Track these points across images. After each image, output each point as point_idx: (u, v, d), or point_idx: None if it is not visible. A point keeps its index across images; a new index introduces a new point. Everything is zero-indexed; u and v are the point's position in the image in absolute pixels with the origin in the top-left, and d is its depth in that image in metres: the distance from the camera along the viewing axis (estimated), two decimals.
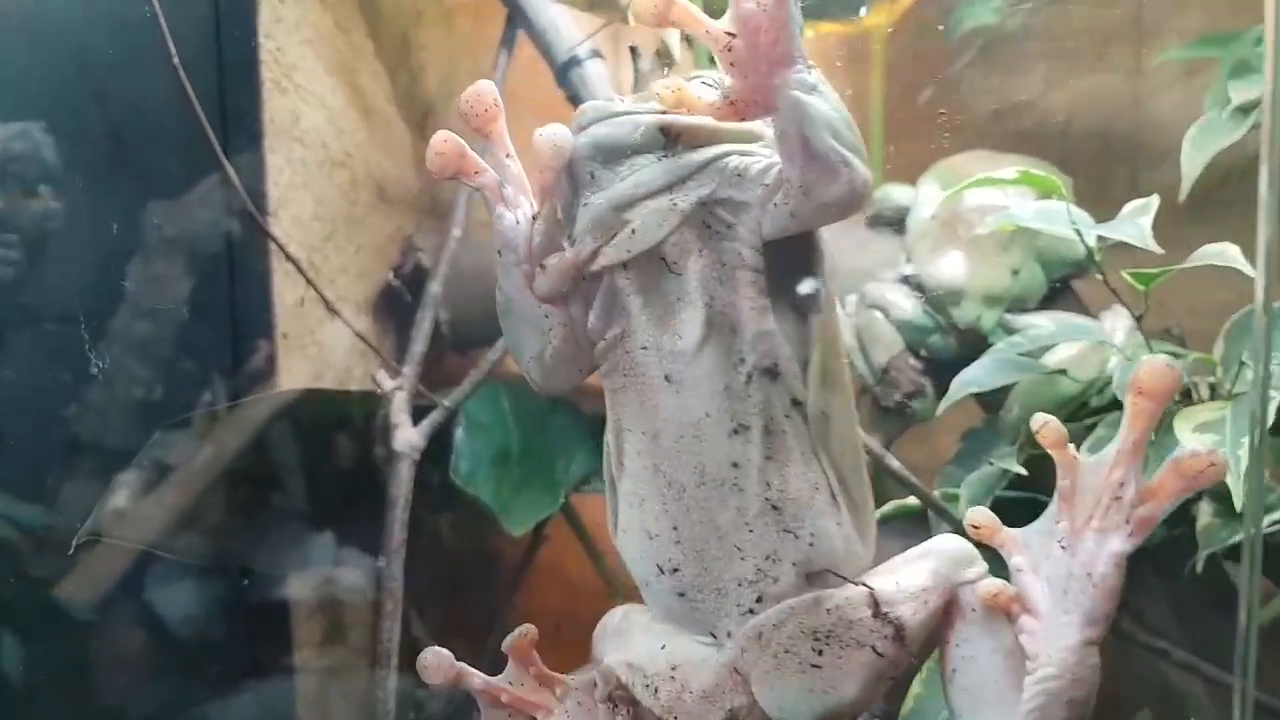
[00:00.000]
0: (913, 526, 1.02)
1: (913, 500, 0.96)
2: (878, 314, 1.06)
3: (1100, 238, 0.88)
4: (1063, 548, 0.57)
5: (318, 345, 1.09)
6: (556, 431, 1.12)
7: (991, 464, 0.90)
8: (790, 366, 0.56)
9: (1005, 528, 0.59)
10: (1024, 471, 0.87)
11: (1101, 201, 1.24)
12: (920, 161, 1.44)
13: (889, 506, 0.97)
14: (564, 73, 1.07)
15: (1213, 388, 0.90)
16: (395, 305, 1.17)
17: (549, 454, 1.13)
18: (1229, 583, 0.86)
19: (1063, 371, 0.91)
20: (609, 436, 0.60)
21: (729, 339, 0.56)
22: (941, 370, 1.06)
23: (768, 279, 0.56)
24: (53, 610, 0.97)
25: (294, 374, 1.07)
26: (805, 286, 0.58)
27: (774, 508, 0.56)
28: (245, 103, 1.01)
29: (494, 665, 0.67)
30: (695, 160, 0.56)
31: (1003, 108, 1.42)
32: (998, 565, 0.60)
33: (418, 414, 1.06)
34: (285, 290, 1.05)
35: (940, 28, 1.30)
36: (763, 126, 0.57)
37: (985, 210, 0.99)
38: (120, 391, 0.97)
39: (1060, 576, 0.56)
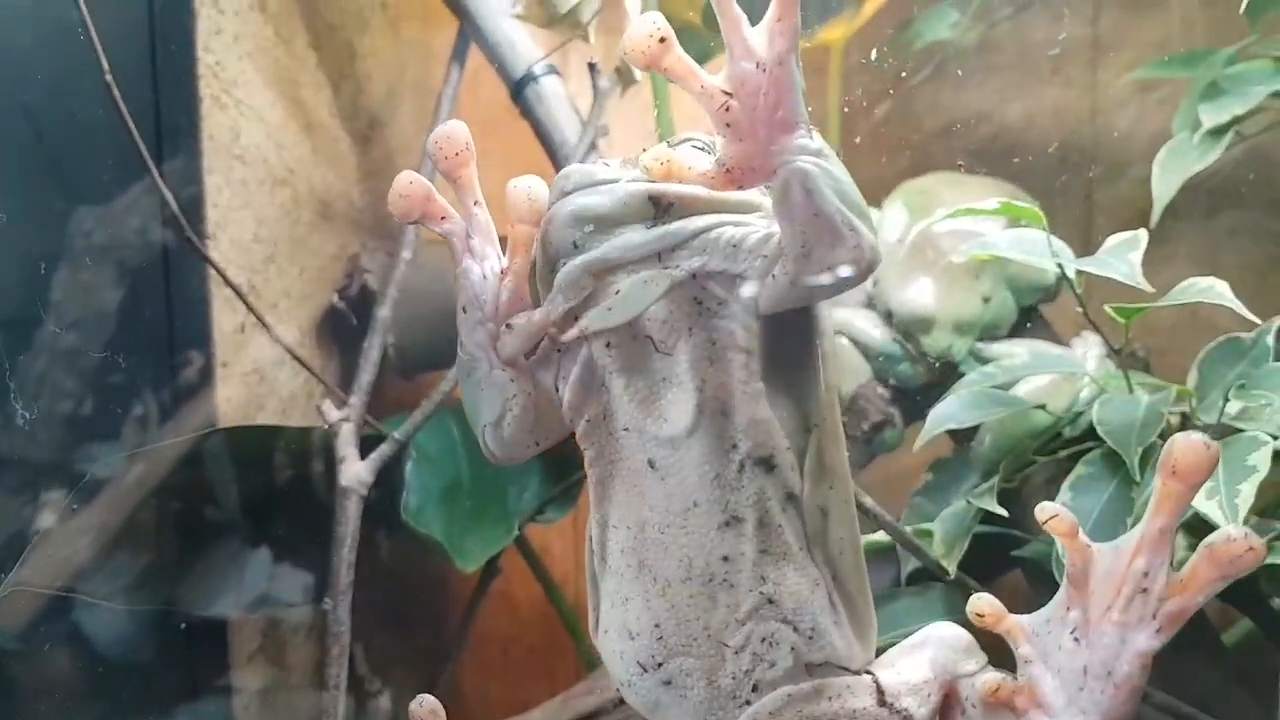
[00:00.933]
0: (881, 560, 0.99)
1: (881, 535, 0.93)
2: (844, 341, 1.03)
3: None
4: (1076, 639, 0.53)
5: (259, 374, 1.04)
6: None
7: (969, 502, 0.87)
8: (786, 458, 0.53)
9: (1011, 615, 0.56)
10: (1004, 513, 0.85)
11: (1058, 218, 1.23)
12: (877, 177, 1.42)
13: (869, 545, 0.95)
14: (519, 89, 1.02)
15: (1185, 418, 0.89)
16: (340, 329, 1.12)
17: (501, 484, 1.08)
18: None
19: (1041, 407, 0.89)
20: (593, 528, 0.56)
21: (720, 424, 0.52)
22: (910, 399, 1.04)
23: (762, 361, 0.52)
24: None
25: (234, 404, 1.01)
26: (803, 371, 0.54)
27: (770, 601, 0.52)
28: (182, 119, 0.96)
29: (446, 697, 0.63)
30: (687, 229, 0.52)
31: (958, 123, 1.41)
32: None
33: (365, 445, 1.00)
34: (224, 317, 0.99)
35: (897, 42, 1.29)
36: (759, 196, 0.53)
37: (957, 236, 0.97)
38: (47, 417, 0.90)
39: (1073, 671, 0.53)
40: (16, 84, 0.86)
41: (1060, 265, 0.81)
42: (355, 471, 0.98)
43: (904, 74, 1.30)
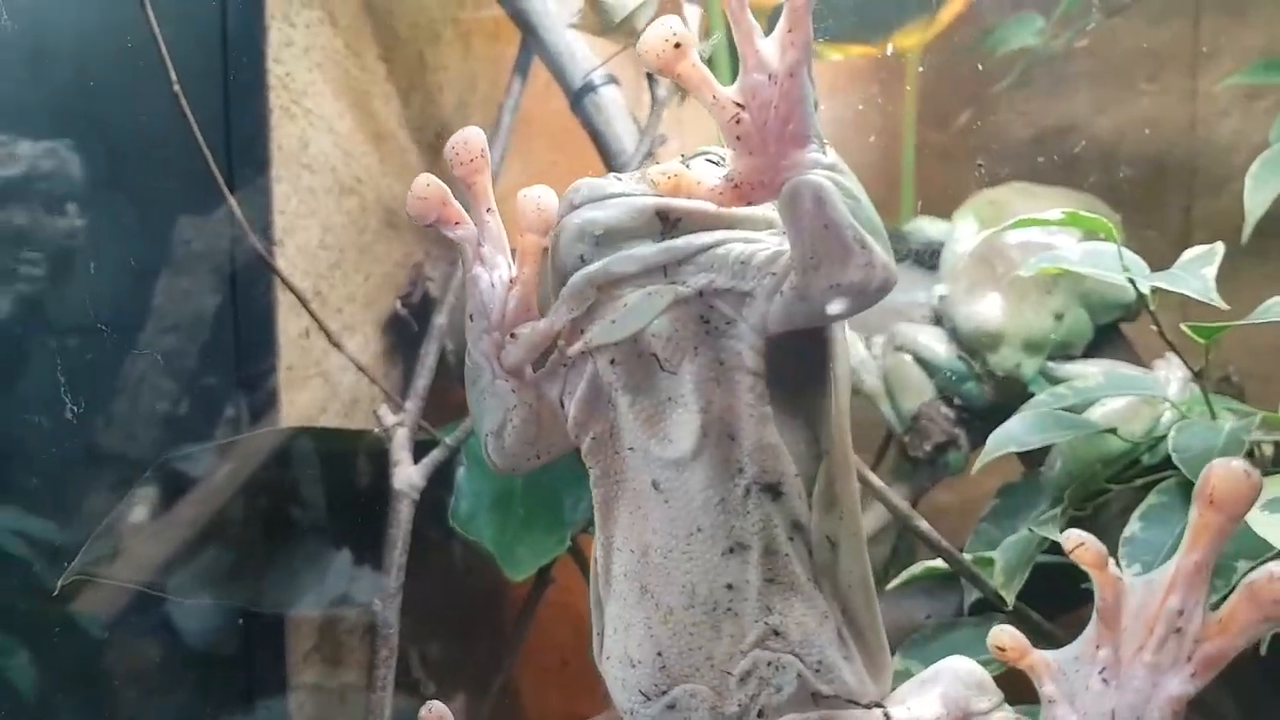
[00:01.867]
0: (942, 589, 0.96)
1: (941, 562, 0.90)
2: (907, 357, 1.00)
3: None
4: (1104, 680, 0.49)
5: (322, 377, 1.05)
6: (563, 467, 1.06)
7: (1031, 530, 0.83)
8: (794, 485, 0.50)
9: (1035, 650, 0.52)
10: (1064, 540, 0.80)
11: (1153, 234, 1.17)
12: (955, 191, 1.38)
13: (918, 568, 0.91)
14: (578, 99, 1.02)
15: (1278, 447, 0.83)
16: (403, 334, 1.13)
17: (555, 492, 1.07)
18: None
19: (1112, 430, 0.84)
20: (598, 551, 0.54)
21: (726, 447, 0.50)
22: (976, 419, 0.99)
23: (771, 384, 0.50)
24: (65, 625, 0.94)
25: (297, 407, 1.03)
26: (813, 395, 0.52)
27: (776, 633, 0.50)
28: (252, 129, 0.98)
29: (500, 707, 0.62)
30: (694, 244, 0.51)
31: (1044, 133, 1.36)
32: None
33: (420, 450, 1.01)
34: (289, 322, 1.01)
35: (977, 50, 1.25)
36: (771, 211, 0.52)
37: (1027, 249, 0.93)
38: (110, 418, 0.93)
39: (1100, 714, 0.49)
40: (90, 96, 0.89)
41: (1132, 281, 0.76)
42: (408, 475, 0.99)
43: (984, 83, 1.27)
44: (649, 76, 1.01)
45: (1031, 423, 0.84)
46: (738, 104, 0.46)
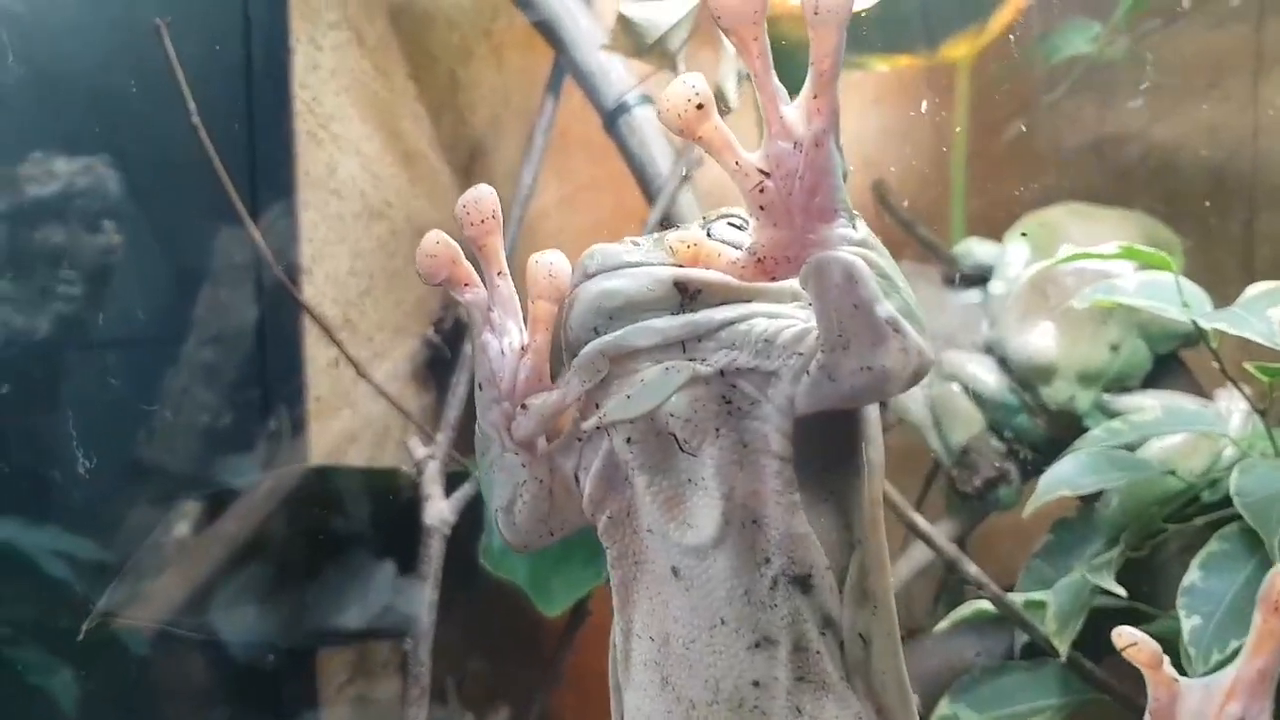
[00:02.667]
0: (992, 627, 0.92)
1: (989, 604, 0.86)
2: (955, 387, 0.95)
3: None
4: None
5: (352, 407, 1.03)
6: None
7: (1086, 576, 0.79)
8: (825, 578, 0.47)
9: None
10: (1122, 593, 0.76)
11: (1214, 248, 1.12)
12: (1006, 204, 1.33)
13: (967, 610, 0.87)
14: (612, 120, 0.99)
15: None
16: (435, 362, 1.11)
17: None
18: None
19: (1170, 472, 0.79)
20: (616, 635, 0.51)
21: (751, 536, 0.47)
22: (1028, 451, 0.95)
23: (799, 469, 0.47)
24: (108, 644, 0.93)
25: (326, 438, 1.01)
26: (846, 481, 0.48)
27: None
28: (277, 155, 0.96)
29: None
30: (714, 319, 0.47)
31: (1099, 142, 1.31)
32: None
33: (452, 480, 0.99)
34: (318, 352, 0.99)
35: (1030, 58, 1.21)
36: (796, 283, 0.48)
37: (1082, 276, 0.88)
38: (164, 441, 0.92)
39: None
40: (110, 127, 0.88)
41: (1195, 323, 0.72)
42: (439, 510, 0.97)
43: (1036, 91, 1.22)
44: None
45: (1086, 464, 0.80)
46: (762, 172, 0.43)
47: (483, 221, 0.50)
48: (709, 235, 0.50)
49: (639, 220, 1.02)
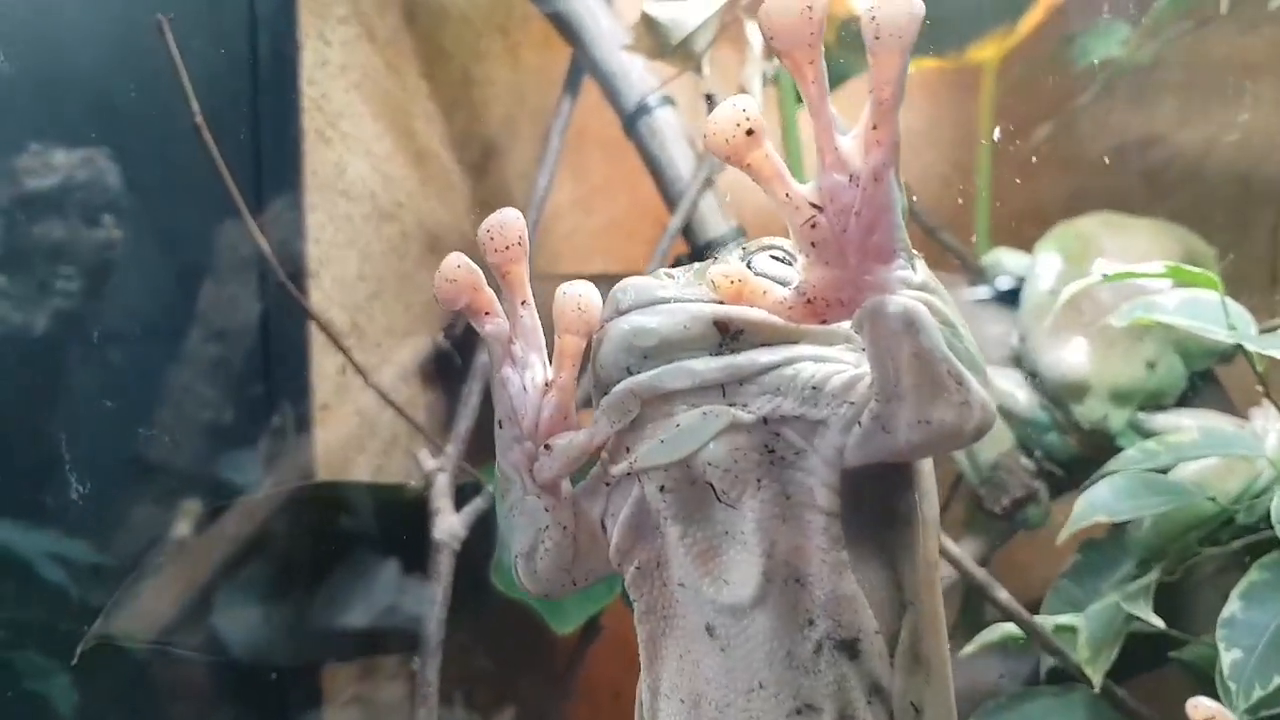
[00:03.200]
0: (1018, 651, 0.89)
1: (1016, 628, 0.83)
2: None
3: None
4: None
5: (360, 416, 1.01)
6: None
7: (1120, 605, 0.76)
8: (874, 643, 0.44)
9: None
10: (1159, 624, 0.74)
11: (1240, 255, 1.09)
12: (1035, 208, 1.30)
13: (995, 634, 0.85)
14: (632, 121, 0.96)
15: None
16: (445, 369, 1.07)
17: None
18: None
19: (1211, 499, 0.77)
20: (643, 693, 0.48)
21: (794, 595, 0.44)
22: (1058, 468, 0.92)
23: (847, 525, 0.44)
24: (108, 648, 0.90)
25: (333, 448, 0.98)
26: (898, 538, 0.45)
27: None
28: (284, 155, 0.93)
29: None
30: (757, 362, 0.44)
31: (1126, 146, 1.28)
32: None
33: (464, 494, 0.96)
34: (325, 358, 0.96)
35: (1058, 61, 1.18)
36: (847, 325, 0.45)
37: (1118, 291, 0.85)
38: (131, 464, 0.90)
39: None
40: (111, 127, 0.85)
41: (1241, 347, 0.69)
42: (449, 525, 0.94)
43: (1064, 95, 1.19)
44: (707, 98, 0.94)
45: (1122, 488, 0.77)
46: (814, 206, 0.40)
47: (508, 248, 0.47)
48: (749, 266, 0.47)
49: (656, 221, 0.99)
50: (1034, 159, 1.24)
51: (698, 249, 0.94)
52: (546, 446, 0.47)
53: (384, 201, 1.02)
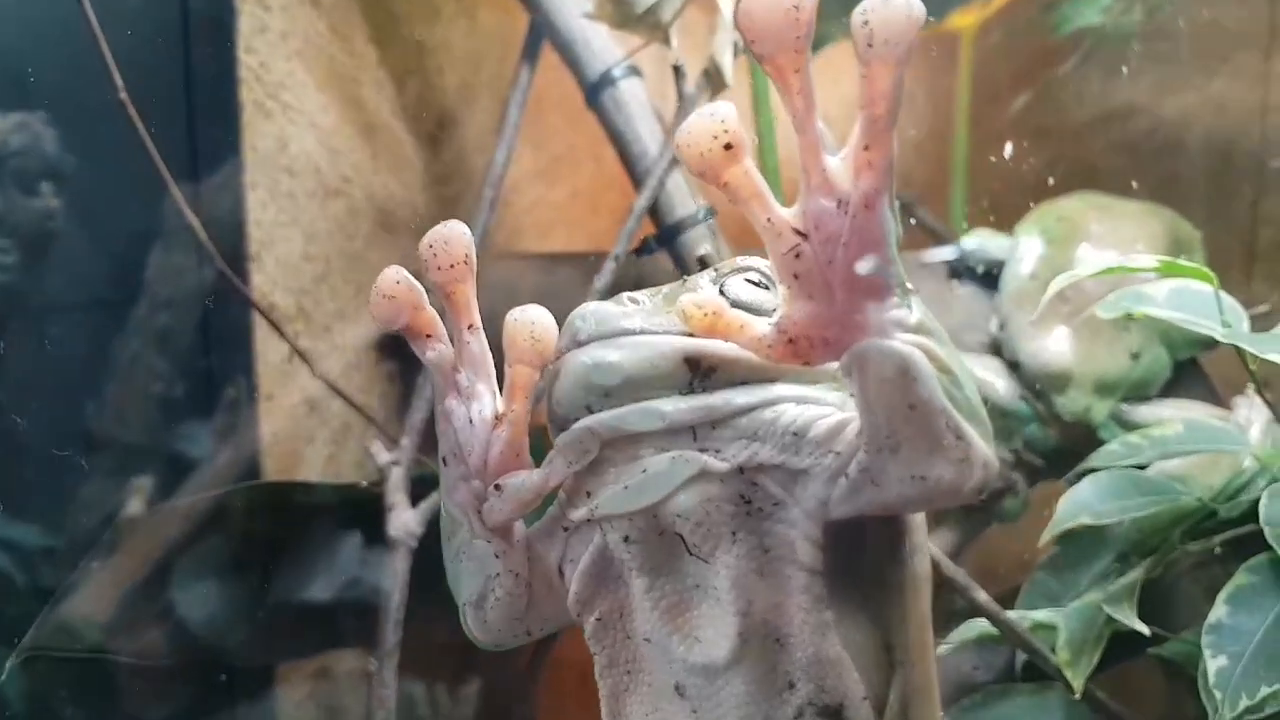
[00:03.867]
0: (992, 652, 0.87)
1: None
2: None
3: None
4: None
5: (309, 404, 0.95)
6: None
7: (1103, 609, 0.73)
8: (861, 710, 0.40)
9: None
10: (1145, 630, 0.71)
11: (1216, 227, 1.07)
12: (1012, 180, 1.27)
13: (970, 631, 0.82)
14: (595, 93, 0.90)
15: None
16: (400, 352, 1.02)
17: None
18: None
19: (1200, 500, 0.74)
20: None
21: (772, 656, 0.40)
22: (1037, 458, 0.89)
23: (831, 582, 0.40)
24: (60, 632, 0.86)
25: (280, 440, 0.93)
26: (887, 596, 0.41)
27: None
28: (221, 130, 0.87)
29: None
30: (731, 404, 0.40)
31: (1105, 116, 1.25)
32: None
33: (419, 488, 0.91)
34: (269, 347, 0.91)
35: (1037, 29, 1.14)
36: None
37: (1103, 279, 0.81)
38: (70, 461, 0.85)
39: None
40: (36, 97, 0.78)
41: (1239, 350, 0.66)
42: (404, 521, 0.89)
43: (1042, 64, 1.15)
44: (675, 70, 0.89)
45: (1107, 487, 0.74)
46: (798, 233, 0.35)
47: (452, 266, 0.42)
48: (721, 292, 0.42)
49: (622, 191, 0.94)
50: (1009, 129, 1.21)
51: (665, 229, 0.90)
52: (496, 486, 0.43)
53: (330, 177, 0.96)
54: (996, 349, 0.90)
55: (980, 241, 0.93)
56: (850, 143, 0.35)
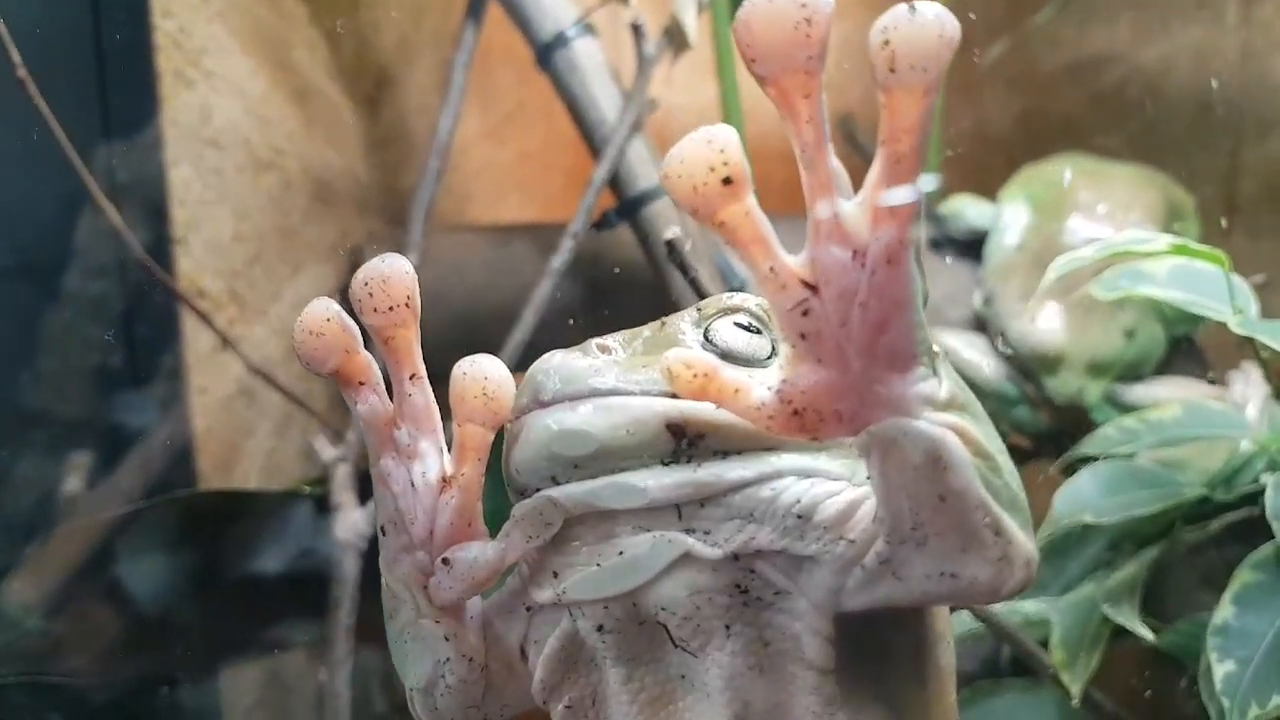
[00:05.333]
0: (977, 640, 0.83)
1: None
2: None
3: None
4: None
5: (246, 395, 0.89)
6: None
7: (1103, 607, 0.69)
8: None
9: None
10: (1150, 635, 0.67)
11: (1196, 179, 1.03)
12: (984, 129, 1.22)
13: (958, 628, 0.78)
14: (547, 54, 0.83)
15: None
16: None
17: None
18: None
19: (1206, 496, 0.70)
20: None
21: None
22: (1025, 439, 0.85)
23: (843, 680, 0.34)
24: None
25: (214, 435, 0.86)
26: (909, 696, 0.36)
27: None
28: (136, 102, 0.79)
29: None
30: (723, 480, 0.34)
31: (1080, 65, 1.20)
32: None
33: (366, 486, 0.85)
34: (197, 337, 0.84)
35: None
36: None
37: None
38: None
39: None
40: None
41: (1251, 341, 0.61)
42: (352, 522, 0.83)
43: (1021, 11, 1.10)
44: (634, 29, 0.82)
45: (1107, 480, 0.70)
46: (806, 285, 0.30)
47: (391, 309, 0.36)
48: (707, 337, 0.36)
49: (576, 152, 0.87)
50: (981, 79, 1.16)
51: (627, 202, 0.83)
52: (445, 561, 0.37)
53: (260, 149, 0.88)
54: (979, 324, 0.85)
55: (959, 208, 0.87)
56: (868, 184, 0.29)
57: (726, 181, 0.29)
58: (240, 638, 0.85)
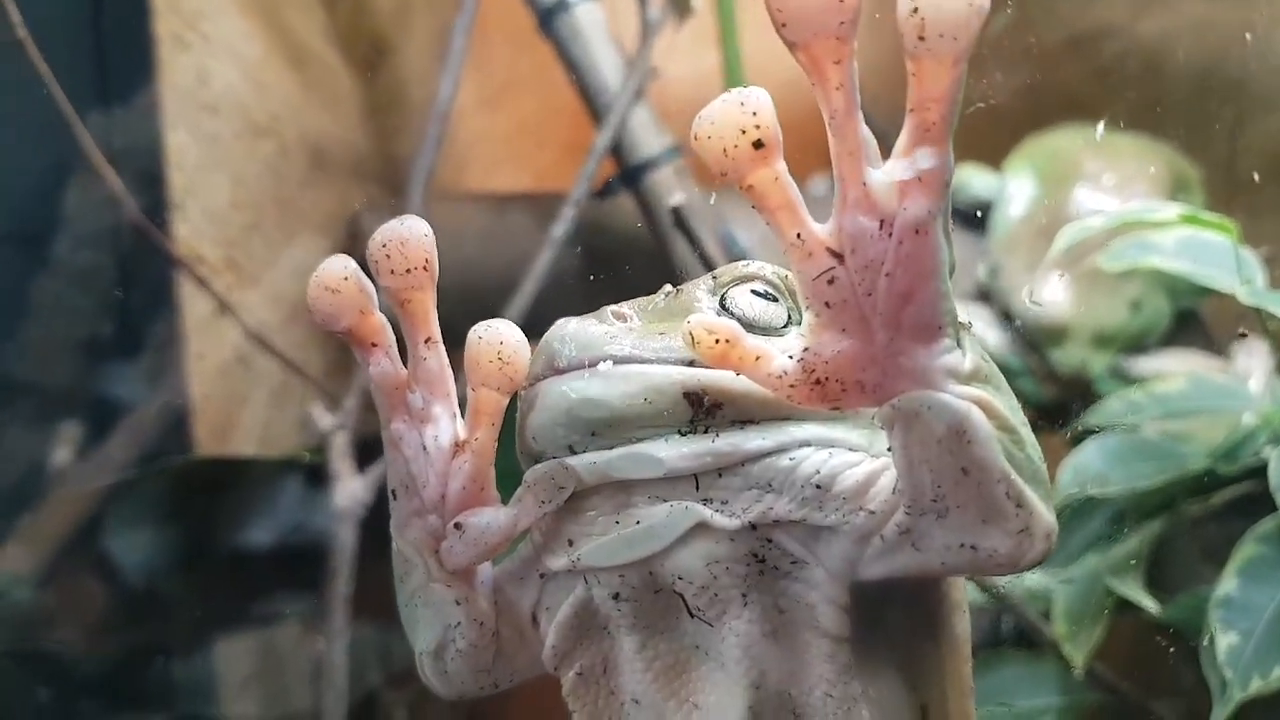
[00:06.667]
0: (976, 611, 0.83)
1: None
2: None
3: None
4: None
5: (243, 362, 0.88)
6: None
7: (1107, 580, 0.69)
8: None
9: None
10: (1154, 607, 0.67)
11: (1196, 156, 1.02)
12: (981, 102, 1.22)
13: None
14: (548, 18, 0.82)
15: None
16: None
17: None
18: None
19: (1210, 471, 0.70)
20: None
21: None
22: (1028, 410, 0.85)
23: (858, 650, 0.34)
24: None
25: (212, 401, 0.86)
26: (924, 664, 0.36)
27: None
28: (134, 67, 0.77)
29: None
30: (741, 449, 0.34)
31: (1078, 38, 1.20)
32: None
33: (365, 453, 0.85)
34: (194, 303, 0.83)
35: None
36: None
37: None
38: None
39: None
40: None
41: (1259, 310, 0.61)
42: (351, 490, 0.83)
43: None
44: None
45: (1112, 452, 0.70)
46: (833, 253, 0.29)
47: (409, 271, 0.35)
48: (723, 305, 0.36)
49: (574, 120, 0.86)
50: (976, 51, 1.15)
51: (629, 170, 0.82)
52: (457, 525, 0.37)
53: (258, 114, 0.87)
54: (983, 295, 0.84)
55: (964, 179, 0.86)
56: (896, 153, 0.29)
57: (758, 145, 0.28)
58: (234, 608, 0.84)
